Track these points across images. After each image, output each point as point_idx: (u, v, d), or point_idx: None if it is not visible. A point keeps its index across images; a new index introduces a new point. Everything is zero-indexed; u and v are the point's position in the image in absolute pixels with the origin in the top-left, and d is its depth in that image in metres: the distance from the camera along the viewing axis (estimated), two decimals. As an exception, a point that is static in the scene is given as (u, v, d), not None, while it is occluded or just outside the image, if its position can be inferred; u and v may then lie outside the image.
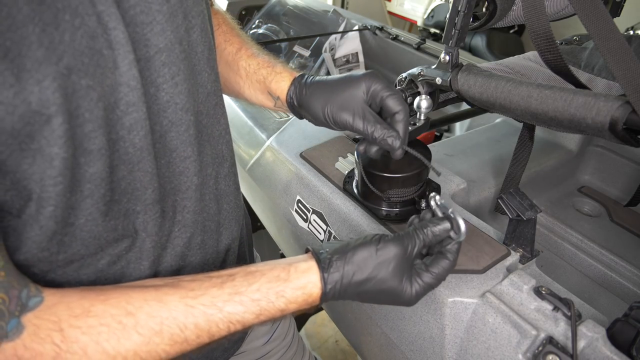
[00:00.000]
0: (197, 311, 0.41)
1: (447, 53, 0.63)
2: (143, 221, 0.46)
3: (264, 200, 0.97)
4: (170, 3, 0.42)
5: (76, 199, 0.39)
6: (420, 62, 1.35)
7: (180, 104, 0.45)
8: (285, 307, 0.43)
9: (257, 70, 0.63)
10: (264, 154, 0.95)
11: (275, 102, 0.62)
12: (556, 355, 0.46)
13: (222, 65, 0.65)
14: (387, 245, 0.46)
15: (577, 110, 0.48)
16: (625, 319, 0.48)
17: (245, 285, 0.43)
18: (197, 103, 0.48)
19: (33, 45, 0.32)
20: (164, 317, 0.40)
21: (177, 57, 0.44)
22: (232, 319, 0.42)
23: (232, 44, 0.65)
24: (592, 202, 0.92)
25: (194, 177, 0.50)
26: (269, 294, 0.43)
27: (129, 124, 0.40)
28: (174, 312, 0.40)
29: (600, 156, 0.96)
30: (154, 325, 0.39)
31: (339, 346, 1.77)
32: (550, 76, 0.76)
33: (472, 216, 0.66)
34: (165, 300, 0.41)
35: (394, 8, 2.98)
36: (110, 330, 0.38)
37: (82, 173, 0.38)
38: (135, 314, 0.39)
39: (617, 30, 0.49)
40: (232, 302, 0.42)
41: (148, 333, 0.39)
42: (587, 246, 0.79)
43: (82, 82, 0.35)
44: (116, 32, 0.37)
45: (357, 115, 0.53)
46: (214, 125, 0.53)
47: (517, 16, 0.63)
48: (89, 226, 0.41)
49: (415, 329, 0.59)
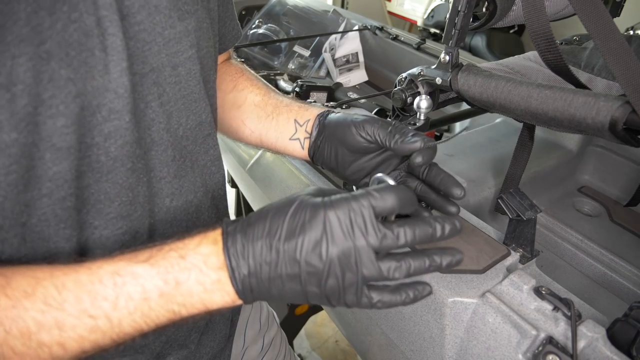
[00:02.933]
0: (81, 267, 0.36)
1: (447, 53, 0.63)
2: (100, 236, 0.43)
3: (264, 200, 0.97)
4: (176, 30, 0.44)
5: (32, 196, 0.37)
6: (420, 62, 1.35)
7: (163, 123, 0.45)
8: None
9: (290, 104, 0.63)
10: (264, 154, 0.95)
11: (296, 131, 0.60)
12: (556, 355, 0.46)
13: (247, 105, 0.65)
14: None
15: (577, 110, 0.48)
16: (625, 319, 0.48)
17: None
18: (182, 128, 0.48)
19: (20, 22, 0.32)
20: (40, 276, 0.34)
21: (165, 80, 0.44)
22: (119, 269, 0.36)
23: (260, 88, 0.66)
24: (592, 202, 0.92)
25: (166, 198, 0.48)
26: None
27: (108, 131, 0.39)
28: (54, 270, 0.35)
29: (600, 156, 0.96)
30: (27, 287, 0.34)
31: (339, 346, 1.77)
32: (550, 76, 0.76)
33: (472, 216, 0.66)
34: (48, 266, 0.36)
35: (394, 8, 2.98)
36: None
37: (44, 169, 0.36)
38: (8, 276, 0.34)
39: (617, 30, 0.49)
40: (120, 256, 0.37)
41: (18, 295, 0.33)
42: (587, 246, 0.79)
43: (61, 72, 0.35)
44: (114, 38, 0.38)
45: (384, 124, 0.53)
46: (200, 154, 0.52)
47: (517, 16, 0.63)
48: (41, 227, 0.39)
49: (415, 329, 0.59)
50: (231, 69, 0.68)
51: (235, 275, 0.36)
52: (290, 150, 0.62)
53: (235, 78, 0.67)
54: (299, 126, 0.60)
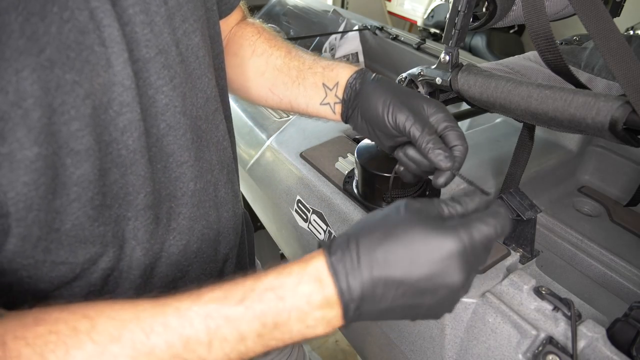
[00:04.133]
0: (168, 308, 0.33)
1: (447, 53, 0.63)
2: (133, 228, 0.43)
3: (264, 200, 0.97)
4: (168, 5, 0.42)
5: (61, 203, 0.37)
6: (420, 62, 1.35)
7: (179, 107, 0.44)
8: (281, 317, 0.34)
9: (313, 65, 0.59)
10: (264, 154, 0.95)
11: (326, 95, 0.57)
12: (556, 355, 0.46)
13: (270, 71, 0.62)
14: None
15: (577, 110, 0.48)
16: (625, 319, 0.48)
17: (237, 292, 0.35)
18: (195, 107, 0.47)
19: (14, 34, 0.31)
20: (126, 319, 0.33)
21: (174, 59, 0.43)
22: (211, 311, 0.34)
23: (279, 48, 0.63)
24: (592, 202, 0.92)
25: (190, 182, 0.48)
26: (266, 294, 0.35)
27: (123, 125, 0.39)
28: (140, 312, 0.33)
29: (600, 156, 0.96)
30: (112, 330, 0.32)
31: (339, 346, 1.77)
32: (550, 76, 0.76)
33: (472, 216, 0.66)
34: (135, 302, 0.34)
35: (394, 8, 2.98)
36: (59, 339, 0.31)
37: (67, 175, 0.36)
38: (93, 318, 0.32)
39: (617, 30, 0.49)
40: (210, 293, 0.35)
41: (104, 340, 0.31)
42: (587, 246, 0.79)
43: (66, 77, 0.34)
44: (110, 29, 0.36)
45: (419, 121, 0.49)
46: (212, 131, 0.51)
47: (517, 16, 0.63)
48: (76, 231, 0.39)
49: (415, 329, 0.59)
50: (247, 32, 0.64)
51: (348, 315, 0.34)
52: (323, 114, 0.59)
53: (252, 42, 0.63)
54: (329, 90, 0.57)
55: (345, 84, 0.56)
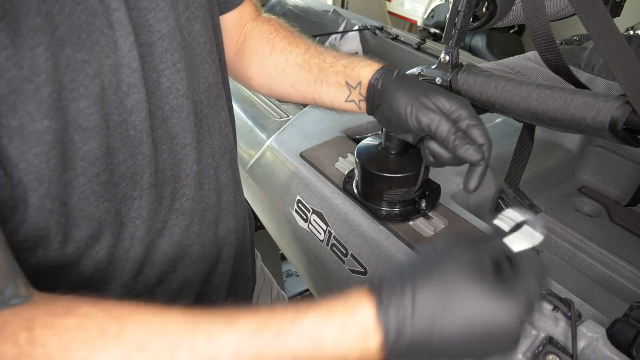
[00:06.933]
0: (198, 327, 0.32)
1: (447, 53, 0.63)
2: (138, 207, 0.45)
3: (264, 200, 0.97)
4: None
5: (69, 177, 0.38)
6: (420, 62, 1.35)
7: (182, 90, 0.46)
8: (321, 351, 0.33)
9: (335, 63, 0.59)
10: (264, 154, 0.95)
11: (350, 93, 0.58)
12: (556, 355, 0.46)
13: (291, 68, 0.62)
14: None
15: (577, 110, 0.49)
16: (625, 319, 0.48)
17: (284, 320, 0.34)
18: (197, 92, 0.49)
19: (31, 12, 0.33)
20: (155, 329, 0.32)
21: (178, 44, 0.45)
22: (242, 344, 0.32)
23: (298, 45, 0.63)
24: (592, 202, 0.92)
25: (194, 164, 0.50)
26: (297, 333, 0.33)
27: (130, 105, 0.41)
28: (169, 325, 0.32)
29: (600, 156, 0.96)
30: (140, 338, 0.31)
31: (339, 346, 1.77)
32: (550, 76, 0.76)
33: (472, 216, 0.66)
34: (163, 312, 0.33)
35: (394, 8, 2.98)
36: (86, 337, 0.31)
37: (75, 150, 0.38)
38: (122, 320, 0.32)
39: (617, 30, 0.49)
40: (242, 318, 0.33)
41: (130, 348, 0.31)
42: (587, 246, 0.79)
43: (76, 56, 0.36)
44: (118, 13, 0.38)
45: (445, 119, 0.49)
46: (214, 116, 0.53)
47: (517, 16, 0.63)
48: (81, 205, 0.40)
49: (415, 329, 0.59)
50: (264, 29, 0.64)
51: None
52: (349, 109, 0.60)
53: (271, 39, 0.63)
54: (352, 88, 0.58)
55: (367, 84, 0.56)
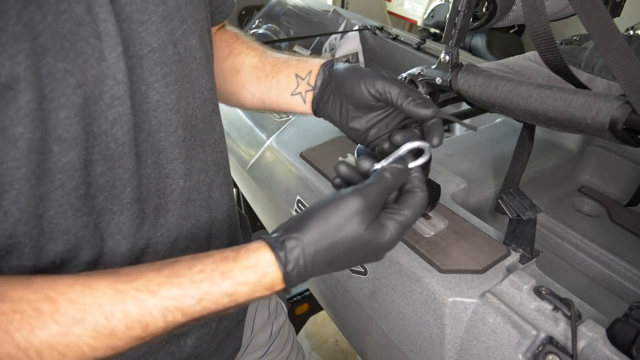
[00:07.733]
0: (127, 296, 0.36)
1: (447, 53, 0.63)
2: (119, 222, 0.44)
3: (264, 200, 0.97)
4: (167, 6, 0.43)
5: (46, 189, 0.38)
6: (420, 62, 1.35)
7: (171, 104, 0.45)
8: (234, 290, 0.38)
9: (289, 59, 0.61)
10: (264, 154, 0.95)
11: (297, 85, 0.59)
12: (556, 355, 0.46)
13: (245, 68, 0.63)
14: (346, 200, 0.41)
15: (577, 110, 0.49)
16: (625, 319, 0.48)
17: (187, 267, 0.39)
18: (191, 107, 0.48)
19: (11, 20, 0.32)
20: (88, 303, 0.35)
21: (170, 58, 0.44)
22: (169, 305, 0.37)
23: (256, 49, 0.65)
24: (592, 202, 0.92)
25: (180, 179, 0.49)
26: (213, 275, 0.38)
27: (113, 117, 0.40)
28: (100, 297, 0.36)
29: (600, 156, 0.96)
30: (75, 313, 0.35)
31: (339, 346, 1.77)
32: (550, 76, 0.76)
33: (472, 216, 0.66)
34: (93, 285, 0.36)
35: (394, 8, 2.98)
36: (23, 318, 0.33)
37: (53, 161, 0.37)
38: (55, 300, 0.35)
39: (617, 30, 0.49)
40: (168, 285, 0.37)
41: (67, 322, 0.34)
42: (587, 246, 0.79)
43: (58, 65, 0.35)
44: (106, 24, 0.37)
45: (395, 82, 0.52)
46: (209, 132, 0.52)
47: (517, 16, 0.63)
48: (58, 219, 0.40)
49: (415, 329, 0.59)
50: (225, 35, 0.67)
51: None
52: (292, 107, 0.61)
53: (230, 43, 0.65)
54: (301, 80, 0.59)
55: (318, 70, 0.58)
